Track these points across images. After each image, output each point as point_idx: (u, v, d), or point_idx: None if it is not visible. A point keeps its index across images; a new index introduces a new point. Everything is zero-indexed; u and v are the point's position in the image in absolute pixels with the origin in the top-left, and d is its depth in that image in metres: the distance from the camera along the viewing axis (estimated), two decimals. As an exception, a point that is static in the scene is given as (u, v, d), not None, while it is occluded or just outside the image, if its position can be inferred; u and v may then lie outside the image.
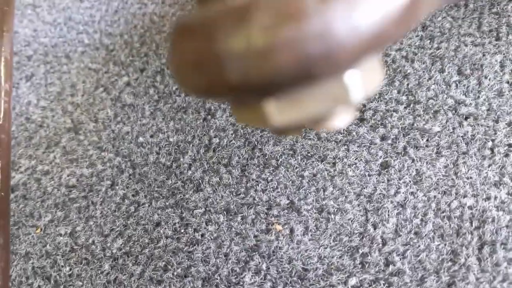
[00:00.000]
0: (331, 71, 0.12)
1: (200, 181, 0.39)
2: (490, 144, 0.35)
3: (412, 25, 0.14)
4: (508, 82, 0.38)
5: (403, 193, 0.34)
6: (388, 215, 0.34)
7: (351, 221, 0.34)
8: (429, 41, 0.42)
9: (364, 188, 0.35)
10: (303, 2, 0.12)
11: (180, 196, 0.38)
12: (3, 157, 0.28)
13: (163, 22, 0.52)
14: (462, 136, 0.36)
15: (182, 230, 0.36)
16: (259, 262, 0.34)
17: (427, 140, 0.36)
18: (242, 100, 0.15)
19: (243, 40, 0.12)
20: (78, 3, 0.58)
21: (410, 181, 0.35)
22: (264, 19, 0.12)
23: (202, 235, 0.36)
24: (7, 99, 0.30)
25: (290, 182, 0.37)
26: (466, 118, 0.37)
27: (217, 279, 0.34)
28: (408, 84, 0.40)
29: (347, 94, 0.14)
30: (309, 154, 0.38)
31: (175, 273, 0.35)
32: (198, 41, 0.13)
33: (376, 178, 0.36)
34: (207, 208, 0.37)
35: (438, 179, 0.34)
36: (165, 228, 0.37)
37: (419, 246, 0.32)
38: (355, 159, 0.37)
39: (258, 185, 0.37)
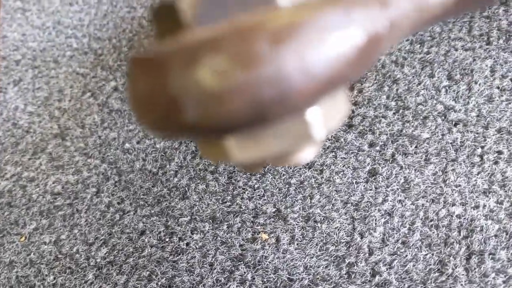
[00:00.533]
0: (287, 114, 0.12)
1: (186, 188, 0.38)
2: (479, 151, 0.35)
3: (372, 63, 0.13)
4: (498, 88, 0.37)
5: (390, 201, 0.34)
6: (375, 224, 0.33)
7: (338, 229, 0.33)
8: (419, 45, 0.41)
9: (352, 196, 0.35)
10: (255, 46, 0.11)
11: (166, 204, 0.38)
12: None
13: (151, 26, 0.52)
14: (451, 143, 0.35)
15: (167, 239, 0.36)
16: (245, 272, 0.33)
17: (416, 146, 0.36)
18: (202, 137, 0.14)
19: (193, 83, 0.12)
20: (68, 6, 0.58)
21: (398, 189, 0.34)
22: (215, 62, 0.11)
23: (187, 244, 0.35)
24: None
25: (277, 189, 0.36)
26: (455, 125, 0.36)
27: (202, 289, 0.33)
28: (397, 90, 0.39)
29: (309, 131, 0.13)
30: (296, 161, 0.37)
31: (159, 283, 0.34)
32: (151, 78, 0.12)
33: (364, 186, 0.35)
34: (192, 216, 0.37)
35: (426, 187, 0.34)
36: (150, 237, 0.36)
37: (406, 256, 0.31)
38: (343, 166, 0.36)
39: (244, 192, 0.37)
